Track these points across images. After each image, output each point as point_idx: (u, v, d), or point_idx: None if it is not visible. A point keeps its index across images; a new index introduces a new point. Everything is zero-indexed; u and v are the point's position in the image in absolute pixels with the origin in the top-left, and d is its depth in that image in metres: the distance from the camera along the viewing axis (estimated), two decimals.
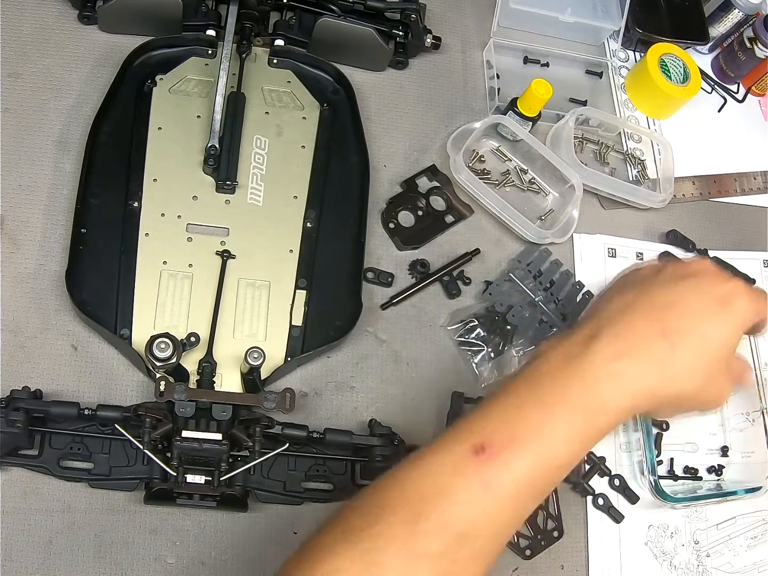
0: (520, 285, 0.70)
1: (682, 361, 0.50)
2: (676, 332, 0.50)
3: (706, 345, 0.51)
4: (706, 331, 0.51)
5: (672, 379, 0.50)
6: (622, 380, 0.49)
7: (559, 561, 0.63)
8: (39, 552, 0.55)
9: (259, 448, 0.55)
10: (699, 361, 0.51)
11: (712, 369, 0.52)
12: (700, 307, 0.52)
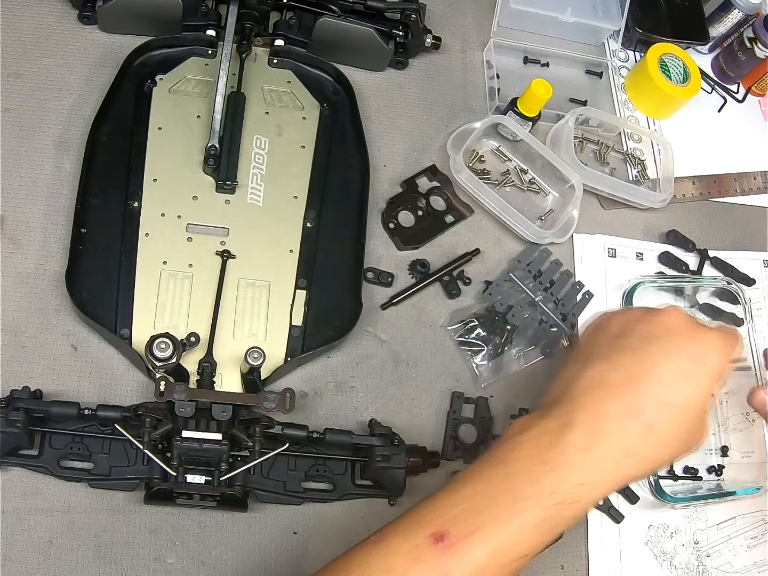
0: (520, 285, 0.70)
1: (661, 439, 0.49)
2: (652, 409, 0.49)
3: (685, 413, 0.50)
4: (683, 397, 0.50)
5: (650, 459, 0.50)
6: (596, 472, 0.47)
7: (559, 561, 0.63)
8: (39, 552, 0.55)
9: (259, 448, 0.55)
10: (678, 432, 0.50)
11: (691, 430, 0.51)
12: (674, 371, 0.50)
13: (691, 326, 0.53)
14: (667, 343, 0.51)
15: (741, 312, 0.73)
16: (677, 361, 0.50)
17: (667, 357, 0.51)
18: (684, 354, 0.51)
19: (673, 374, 0.50)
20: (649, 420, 0.48)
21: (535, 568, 0.62)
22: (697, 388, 0.50)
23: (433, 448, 0.62)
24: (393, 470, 0.58)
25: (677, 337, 0.52)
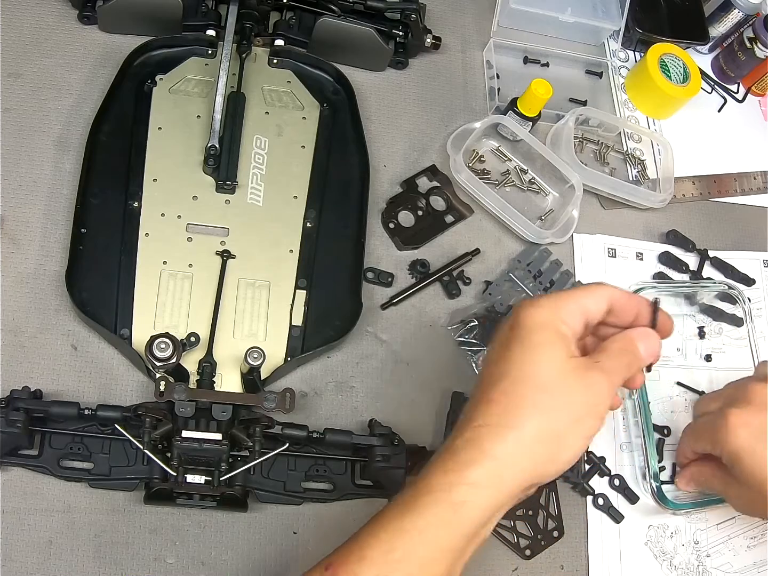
0: (520, 285, 0.70)
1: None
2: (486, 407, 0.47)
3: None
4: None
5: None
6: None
7: (559, 561, 0.63)
8: (39, 552, 0.55)
9: (259, 448, 0.55)
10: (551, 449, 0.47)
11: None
12: (493, 358, 0.49)
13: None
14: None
15: (741, 313, 0.73)
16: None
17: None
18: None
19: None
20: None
21: (535, 568, 0.62)
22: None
23: (432, 448, 0.62)
24: (393, 470, 0.58)
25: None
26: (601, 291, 0.50)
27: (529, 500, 0.64)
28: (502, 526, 0.63)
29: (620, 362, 0.49)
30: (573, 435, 0.47)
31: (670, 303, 0.74)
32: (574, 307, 0.49)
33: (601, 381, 0.48)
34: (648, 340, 0.50)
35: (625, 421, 0.69)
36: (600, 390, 0.48)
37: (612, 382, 0.48)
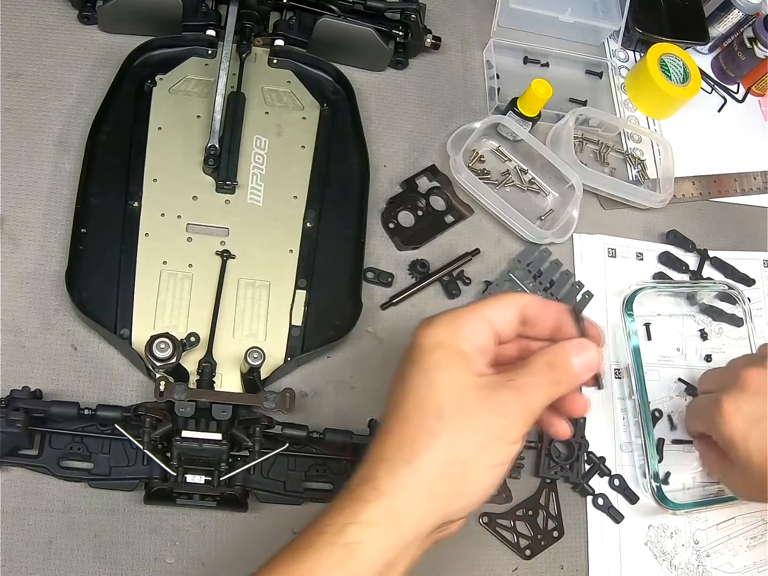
0: (520, 285, 0.70)
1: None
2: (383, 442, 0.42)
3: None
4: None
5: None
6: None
7: (559, 561, 0.64)
8: (39, 552, 0.55)
9: (259, 448, 0.55)
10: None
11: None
12: (393, 386, 0.44)
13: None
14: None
15: (741, 313, 0.73)
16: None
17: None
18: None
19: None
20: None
21: (536, 568, 0.62)
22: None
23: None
24: None
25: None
26: (509, 300, 0.46)
27: (529, 500, 0.64)
28: (502, 526, 0.63)
29: (542, 379, 0.43)
30: (479, 465, 0.41)
31: (670, 303, 0.75)
32: (476, 321, 0.45)
33: (510, 400, 0.42)
34: (583, 352, 0.44)
35: (625, 421, 0.69)
36: (508, 410, 0.42)
37: (527, 402, 0.42)
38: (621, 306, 0.71)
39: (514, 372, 0.43)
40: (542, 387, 0.43)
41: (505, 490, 0.64)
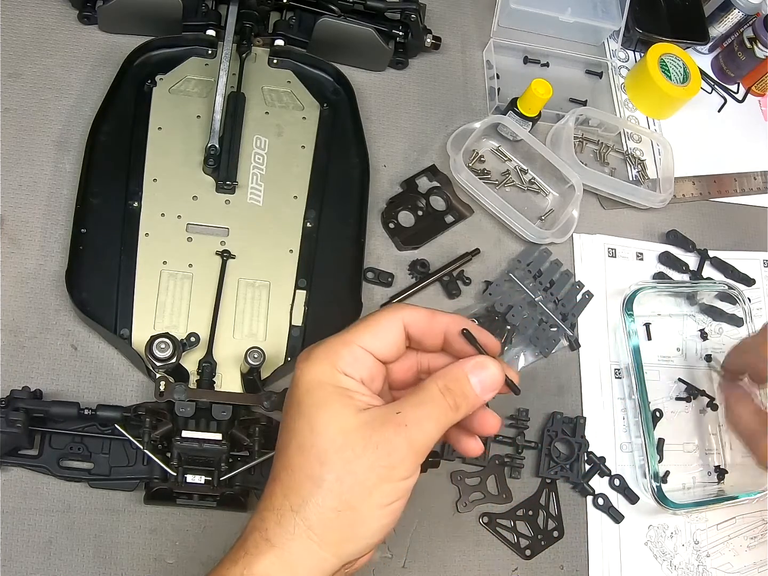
0: (520, 285, 0.70)
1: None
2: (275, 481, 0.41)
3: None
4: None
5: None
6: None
7: (559, 561, 0.64)
8: (39, 552, 0.55)
9: (259, 448, 0.55)
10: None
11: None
12: (281, 425, 0.42)
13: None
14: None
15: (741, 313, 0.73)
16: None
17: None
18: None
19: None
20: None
21: (535, 568, 0.62)
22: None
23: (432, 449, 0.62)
24: None
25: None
26: (387, 321, 0.42)
27: (529, 500, 0.64)
28: (502, 526, 0.63)
29: (434, 407, 0.40)
30: (368, 507, 0.39)
31: (670, 303, 0.75)
32: (354, 352, 0.41)
33: (395, 437, 0.39)
34: (482, 371, 0.41)
35: (625, 421, 0.69)
36: (394, 448, 0.39)
37: (416, 437, 0.40)
38: (621, 306, 0.71)
39: (403, 401, 0.41)
40: (434, 416, 0.40)
41: (505, 490, 0.64)
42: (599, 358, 0.71)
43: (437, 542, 0.62)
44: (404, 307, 0.43)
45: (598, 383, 0.70)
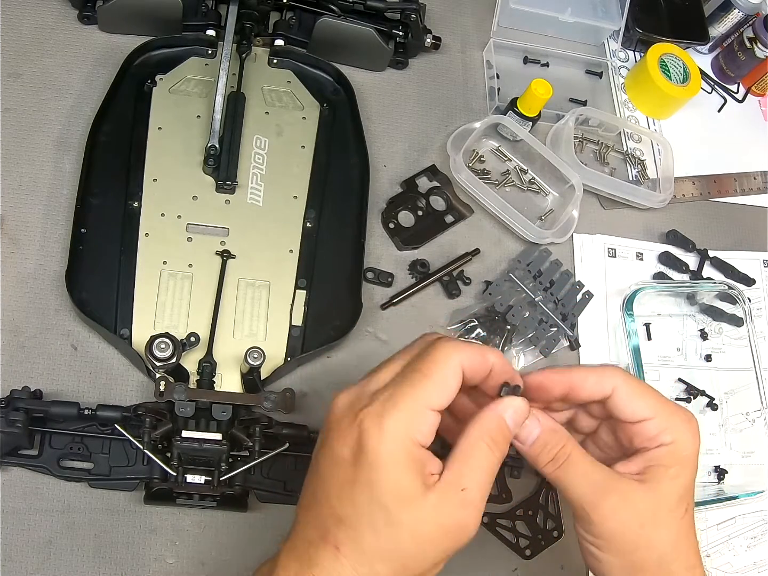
0: (520, 285, 0.70)
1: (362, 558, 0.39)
2: (333, 532, 0.40)
3: (372, 527, 0.39)
4: (358, 511, 0.39)
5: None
6: None
7: (559, 561, 0.63)
8: (39, 552, 0.55)
9: (259, 448, 0.55)
10: (379, 545, 0.39)
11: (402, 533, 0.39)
12: (337, 480, 0.40)
13: (345, 407, 0.42)
14: (327, 444, 0.42)
15: (741, 313, 0.73)
16: (338, 465, 0.40)
17: (329, 464, 0.41)
18: (341, 453, 0.40)
19: (338, 484, 0.40)
20: (337, 544, 0.40)
21: (536, 568, 0.62)
22: (372, 488, 0.39)
23: None
24: None
25: (331, 430, 0.42)
26: (449, 366, 0.40)
27: (529, 500, 0.64)
28: (502, 526, 0.63)
29: (487, 462, 0.40)
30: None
31: (670, 303, 0.75)
32: (428, 419, 0.40)
33: (463, 514, 0.39)
34: (514, 410, 0.42)
35: None
36: (465, 524, 0.40)
37: (478, 497, 0.40)
38: (621, 306, 0.71)
39: (458, 466, 0.40)
40: (489, 470, 0.41)
41: (505, 490, 0.64)
42: (599, 358, 0.71)
43: None
44: (459, 348, 0.41)
45: None
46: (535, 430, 0.43)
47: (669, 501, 0.43)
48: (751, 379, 0.71)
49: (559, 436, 0.43)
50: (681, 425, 0.44)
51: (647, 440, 0.44)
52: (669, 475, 0.43)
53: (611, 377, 0.44)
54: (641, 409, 0.44)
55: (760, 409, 0.70)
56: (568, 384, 0.44)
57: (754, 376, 0.71)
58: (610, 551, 0.44)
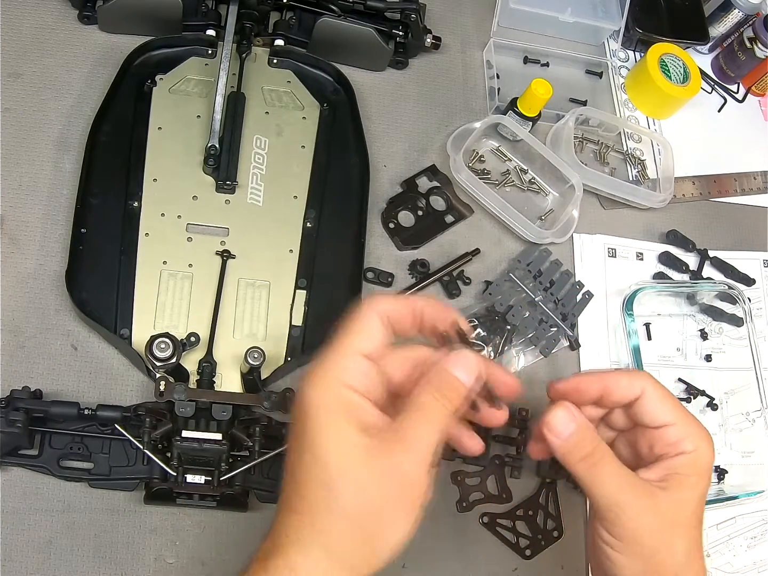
0: (520, 285, 0.70)
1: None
2: (294, 500, 0.39)
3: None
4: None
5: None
6: None
7: (559, 561, 0.63)
8: (39, 552, 0.55)
9: (259, 448, 0.56)
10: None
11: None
12: (291, 449, 0.40)
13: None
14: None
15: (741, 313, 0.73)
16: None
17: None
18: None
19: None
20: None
21: (536, 568, 0.62)
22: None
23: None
24: None
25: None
26: (371, 316, 0.42)
27: (529, 500, 0.64)
28: (502, 526, 0.63)
29: (432, 415, 0.40)
30: (384, 530, 0.39)
31: (670, 303, 0.75)
32: (355, 362, 0.41)
33: (403, 461, 0.38)
34: (462, 359, 0.42)
35: None
36: (405, 472, 0.38)
37: (422, 451, 0.39)
38: (621, 306, 0.71)
39: (401, 419, 0.40)
40: (435, 424, 0.40)
41: (505, 490, 0.64)
42: (599, 358, 0.71)
43: (437, 542, 0.61)
44: (379, 300, 0.43)
45: None
46: (570, 424, 0.43)
47: (687, 510, 0.44)
48: (751, 379, 0.71)
49: (593, 433, 0.44)
50: (700, 435, 0.44)
51: (669, 446, 0.44)
52: (689, 483, 0.43)
53: (641, 379, 0.45)
54: (665, 414, 0.44)
55: (760, 409, 0.70)
56: (603, 385, 0.45)
57: (754, 376, 0.71)
58: (628, 554, 0.43)
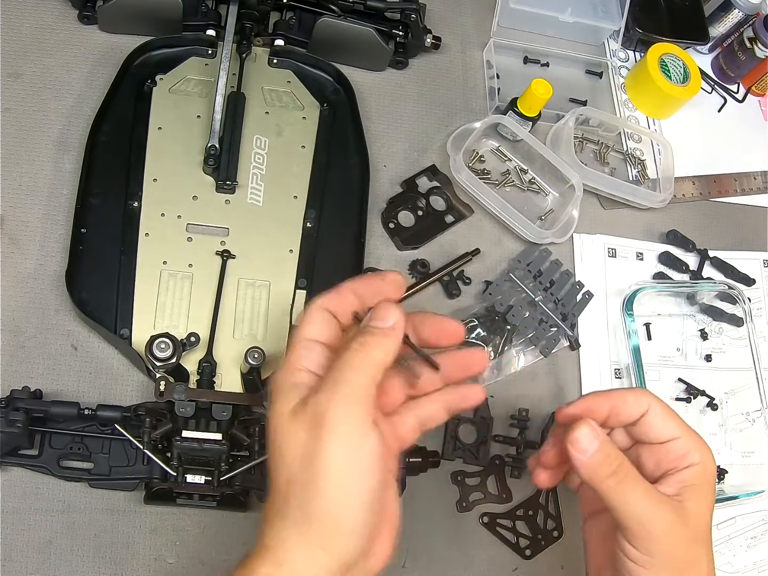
0: (520, 285, 0.70)
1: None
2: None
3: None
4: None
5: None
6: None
7: (559, 561, 0.64)
8: (39, 552, 0.55)
9: (259, 448, 0.55)
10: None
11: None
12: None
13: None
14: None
15: (741, 313, 0.73)
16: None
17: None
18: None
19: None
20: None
21: (535, 568, 0.62)
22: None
23: (432, 448, 0.62)
24: None
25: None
26: (312, 309, 0.44)
27: (529, 500, 0.64)
28: (502, 526, 0.63)
29: (353, 362, 0.41)
30: (328, 477, 0.38)
31: (670, 303, 0.75)
32: (305, 346, 0.42)
33: (323, 399, 0.39)
34: (377, 314, 0.45)
35: None
36: (337, 414, 0.39)
37: (354, 392, 0.40)
38: (621, 306, 0.71)
39: (330, 372, 0.41)
40: (355, 367, 0.41)
41: (505, 490, 0.64)
42: (599, 358, 0.71)
43: (437, 542, 0.62)
44: (322, 294, 0.45)
45: (598, 383, 0.70)
46: (595, 441, 0.43)
47: (706, 519, 0.44)
48: (751, 379, 0.71)
49: (616, 450, 0.44)
50: (703, 446, 0.45)
51: (677, 459, 0.44)
52: (703, 493, 0.44)
53: (645, 396, 0.46)
54: (671, 428, 0.45)
55: (760, 409, 0.70)
56: (611, 405, 0.45)
57: (754, 376, 0.71)
58: (658, 569, 0.43)
